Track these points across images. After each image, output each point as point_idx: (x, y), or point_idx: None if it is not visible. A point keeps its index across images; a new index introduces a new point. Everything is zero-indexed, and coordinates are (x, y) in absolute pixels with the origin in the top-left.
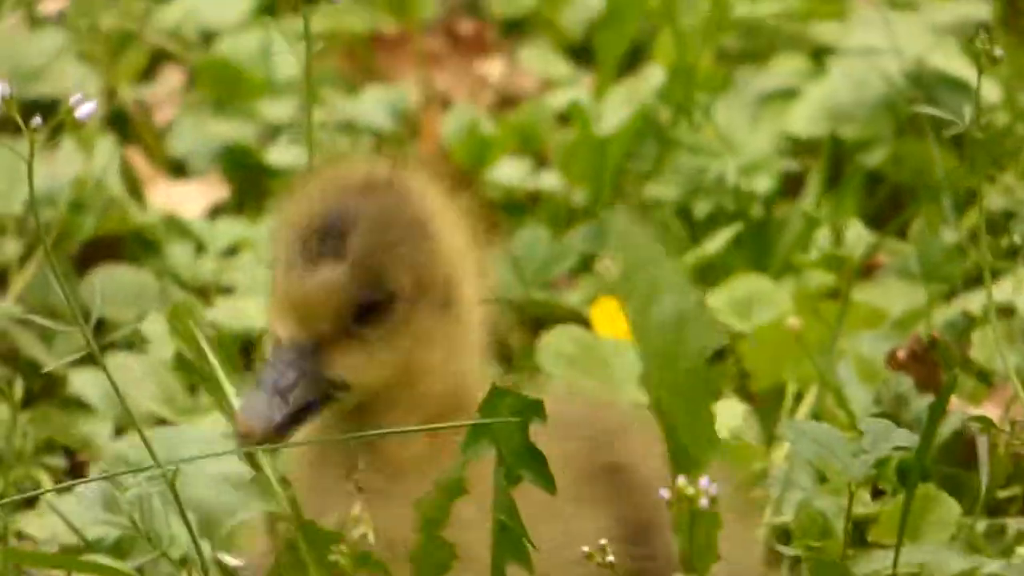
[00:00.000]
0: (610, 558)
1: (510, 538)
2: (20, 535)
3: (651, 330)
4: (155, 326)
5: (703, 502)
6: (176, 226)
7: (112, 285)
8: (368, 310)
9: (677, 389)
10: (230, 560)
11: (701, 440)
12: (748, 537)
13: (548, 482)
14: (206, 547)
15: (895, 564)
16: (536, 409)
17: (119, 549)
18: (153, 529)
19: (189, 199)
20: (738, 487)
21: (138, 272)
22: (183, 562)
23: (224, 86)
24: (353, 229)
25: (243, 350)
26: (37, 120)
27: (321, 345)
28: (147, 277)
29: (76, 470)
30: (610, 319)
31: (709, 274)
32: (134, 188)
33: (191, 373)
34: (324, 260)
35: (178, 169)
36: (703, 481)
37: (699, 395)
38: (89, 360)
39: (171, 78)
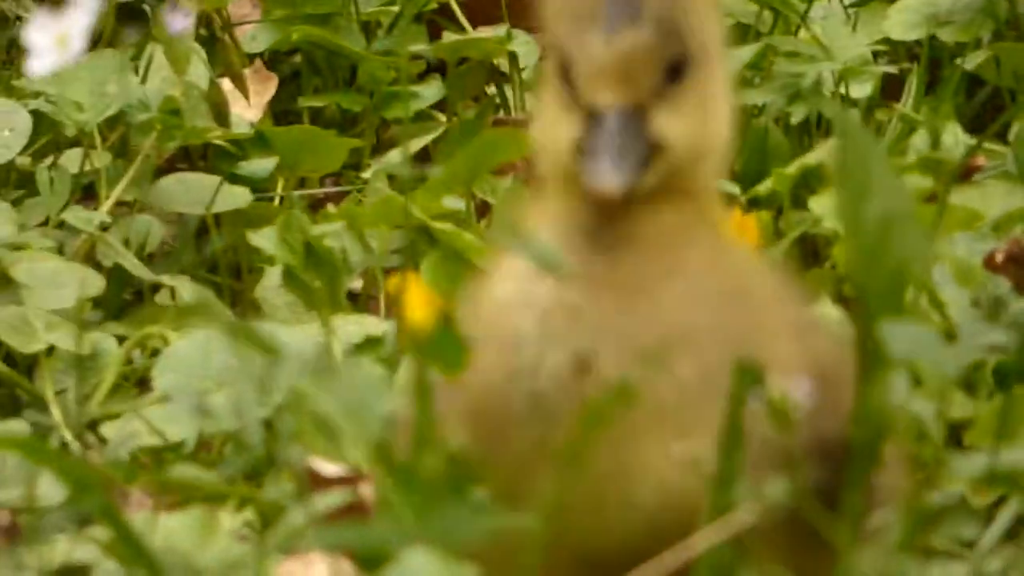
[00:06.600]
0: None
1: None
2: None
3: (860, 227)
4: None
5: (795, 411)
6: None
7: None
8: (676, 70)
9: (878, 290)
10: (324, 468)
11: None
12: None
13: None
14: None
15: (991, 466)
16: None
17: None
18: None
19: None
20: None
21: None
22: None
23: None
24: None
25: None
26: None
27: (643, 108)
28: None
29: None
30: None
31: (811, 180)
32: (221, 112)
33: (298, 288)
34: (623, 23)
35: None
36: (797, 387)
37: (898, 300)
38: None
39: None
